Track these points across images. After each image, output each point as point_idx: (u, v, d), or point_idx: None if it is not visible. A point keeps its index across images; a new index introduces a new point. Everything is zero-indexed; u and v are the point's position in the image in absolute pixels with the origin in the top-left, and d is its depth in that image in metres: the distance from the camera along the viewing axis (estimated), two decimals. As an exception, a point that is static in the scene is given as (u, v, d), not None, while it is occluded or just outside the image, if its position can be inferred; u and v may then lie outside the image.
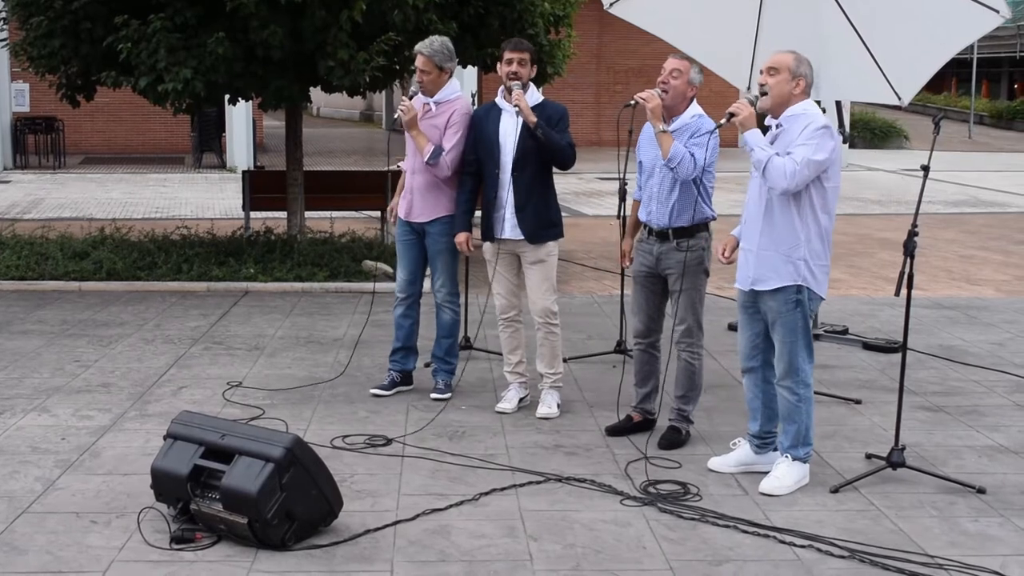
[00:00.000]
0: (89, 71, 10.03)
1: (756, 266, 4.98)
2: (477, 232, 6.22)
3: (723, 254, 5.27)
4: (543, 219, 6.00)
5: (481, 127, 6.09)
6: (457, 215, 6.23)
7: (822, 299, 5.05)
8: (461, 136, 6.19)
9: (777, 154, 4.78)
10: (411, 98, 6.21)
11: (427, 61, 6.21)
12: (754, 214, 5.01)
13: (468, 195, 6.17)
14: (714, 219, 5.65)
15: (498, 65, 6.17)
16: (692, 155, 5.33)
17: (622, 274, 6.21)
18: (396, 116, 6.26)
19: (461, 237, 6.18)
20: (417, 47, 6.29)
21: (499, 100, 6.05)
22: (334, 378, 6.83)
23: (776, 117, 4.95)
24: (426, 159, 6.16)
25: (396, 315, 6.57)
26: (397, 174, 6.75)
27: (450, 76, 6.30)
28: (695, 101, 5.56)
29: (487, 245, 6.16)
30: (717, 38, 7.42)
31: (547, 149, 5.85)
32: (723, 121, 5.01)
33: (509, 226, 6.00)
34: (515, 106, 5.83)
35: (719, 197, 5.67)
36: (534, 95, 5.97)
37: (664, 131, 5.37)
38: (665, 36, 7.62)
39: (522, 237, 5.98)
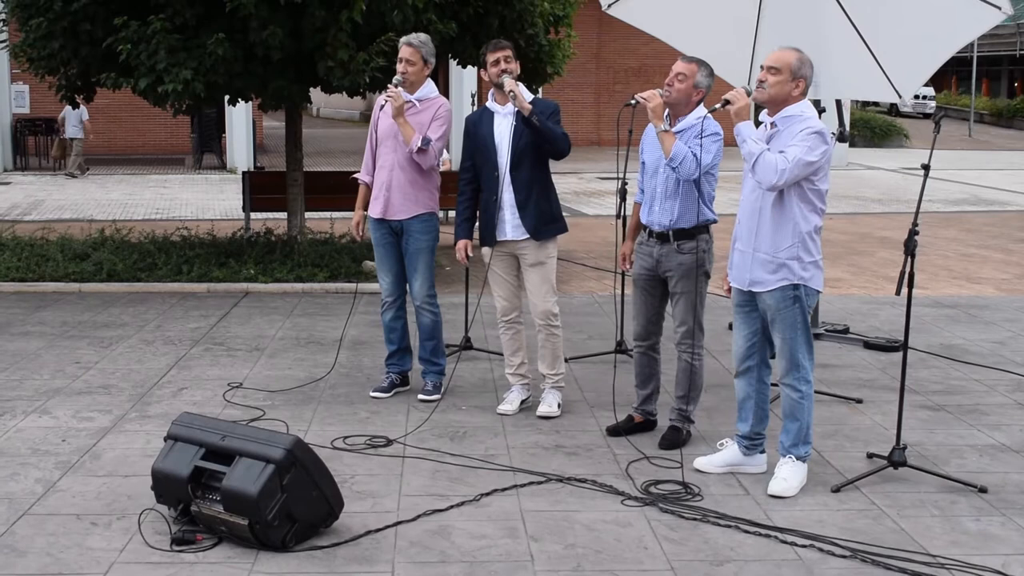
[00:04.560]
0: (89, 72, 10.04)
1: (752, 267, 4.99)
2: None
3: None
4: (545, 214, 5.98)
5: (475, 133, 6.06)
6: (457, 223, 6.21)
7: (819, 293, 5.05)
8: (446, 130, 6.24)
9: (769, 150, 4.78)
10: (396, 87, 6.15)
11: (415, 52, 6.21)
12: (748, 214, 5.02)
13: (467, 202, 6.14)
14: (715, 222, 5.63)
15: (481, 72, 6.13)
16: (695, 154, 5.30)
17: (622, 275, 6.21)
18: (382, 104, 6.20)
19: (461, 244, 6.14)
20: (403, 39, 6.31)
21: (489, 104, 6.04)
22: (324, 376, 6.83)
23: (772, 115, 4.94)
24: (416, 146, 6.12)
25: (386, 319, 6.53)
26: None
27: (428, 74, 6.31)
28: (702, 104, 5.52)
29: (486, 249, 6.14)
30: (716, 38, 7.40)
31: (544, 137, 5.81)
32: (718, 106, 5.02)
33: (510, 227, 5.98)
34: (509, 92, 5.81)
35: (718, 196, 5.68)
36: (525, 94, 5.94)
37: (665, 131, 5.35)
38: (663, 37, 7.60)
39: (525, 236, 5.95)
